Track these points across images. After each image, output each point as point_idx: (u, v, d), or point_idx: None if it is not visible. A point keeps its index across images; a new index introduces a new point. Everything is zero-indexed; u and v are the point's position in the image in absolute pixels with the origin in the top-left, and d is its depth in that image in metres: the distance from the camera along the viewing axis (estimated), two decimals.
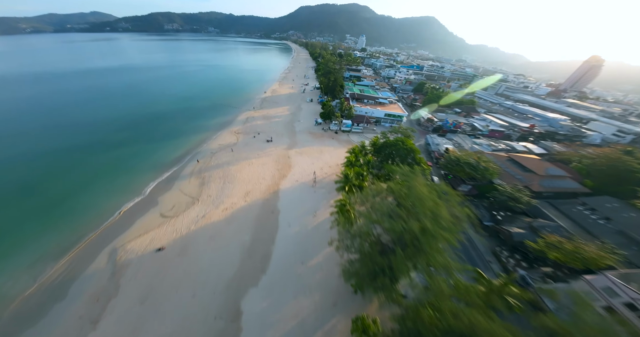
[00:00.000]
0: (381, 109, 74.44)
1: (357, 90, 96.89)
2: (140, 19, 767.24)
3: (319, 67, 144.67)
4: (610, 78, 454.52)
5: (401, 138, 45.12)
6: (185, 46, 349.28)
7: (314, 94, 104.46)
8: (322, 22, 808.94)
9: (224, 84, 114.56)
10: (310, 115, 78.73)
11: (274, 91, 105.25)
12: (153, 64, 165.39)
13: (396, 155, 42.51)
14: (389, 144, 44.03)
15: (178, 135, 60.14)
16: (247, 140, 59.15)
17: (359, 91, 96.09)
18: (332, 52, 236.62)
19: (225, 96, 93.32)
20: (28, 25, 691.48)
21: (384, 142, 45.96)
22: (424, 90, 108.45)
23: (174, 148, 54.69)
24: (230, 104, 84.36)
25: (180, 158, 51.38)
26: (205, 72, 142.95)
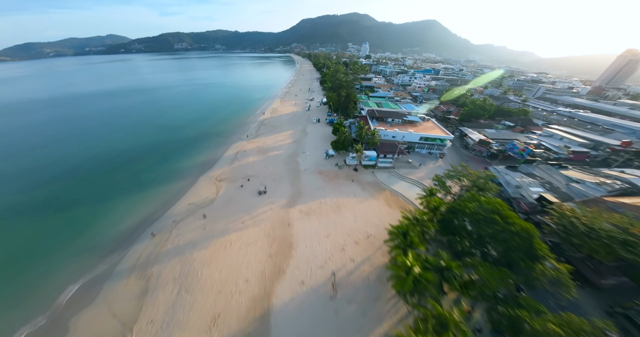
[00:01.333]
0: (414, 131, 54.96)
1: (374, 104, 78.50)
2: (152, 40, 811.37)
3: (325, 79, 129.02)
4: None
5: (487, 199, 25.27)
6: (189, 64, 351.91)
7: (321, 111, 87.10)
8: (323, 33, 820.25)
9: (219, 105, 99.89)
10: (318, 142, 60.48)
11: (274, 111, 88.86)
12: (146, 86, 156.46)
13: (490, 241, 22.53)
14: (465, 211, 24.31)
15: (139, 190, 43.14)
16: (230, 193, 41.11)
17: (377, 105, 77.64)
18: (337, 61, 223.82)
19: (217, 122, 77.59)
20: (51, 50, 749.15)
21: (453, 207, 26.32)
22: (459, 100, 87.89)
23: (126, 214, 37.43)
24: (220, 133, 68.06)
25: (129, 233, 33.94)
26: (201, 93, 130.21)
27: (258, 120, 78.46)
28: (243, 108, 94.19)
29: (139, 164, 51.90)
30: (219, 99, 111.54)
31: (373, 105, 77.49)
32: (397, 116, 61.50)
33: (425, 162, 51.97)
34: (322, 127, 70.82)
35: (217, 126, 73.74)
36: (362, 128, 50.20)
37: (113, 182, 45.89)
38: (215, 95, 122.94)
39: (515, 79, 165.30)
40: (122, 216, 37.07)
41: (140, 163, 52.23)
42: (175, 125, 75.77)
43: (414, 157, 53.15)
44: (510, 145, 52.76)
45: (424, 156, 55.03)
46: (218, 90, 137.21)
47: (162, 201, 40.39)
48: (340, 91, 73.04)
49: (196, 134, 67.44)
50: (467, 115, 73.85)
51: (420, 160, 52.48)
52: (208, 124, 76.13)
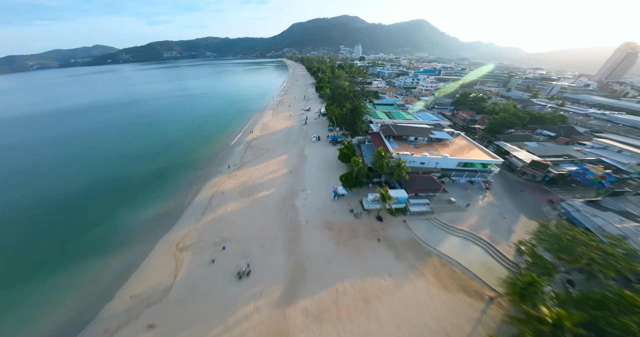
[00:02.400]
0: (449, 154, 41.45)
1: (383, 114, 65.29)
2: (139, 50, 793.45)
3: (321, 84, 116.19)
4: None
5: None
6: (176, 73, 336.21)
7: (320, 124, 73.42)
8: (315, 36, 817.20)
9: (199, 122, 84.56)
10: (322, 172, 46.51)
11: (264, 127, 74.56)
12: (122, 99, 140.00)
13: None
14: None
15: (61, 268, 28.86)
16: (195, 276, 26.67)
17: (387, 116, 64.41)
18: (332, 64, 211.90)
19: (194, 147, 62.39)
20: (35, 62, 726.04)
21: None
22: (477, 105, 74.95)
23: (36, 318, 22.96)
24: (196, 163, 53.36)
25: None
26: (181, 106, 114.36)
27: (245, 141, 64.07)
28: (228, 125, 79.45)
29: (75, 220, 37.01)
30: (201, 114, 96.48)
31: (382, 117, 64.14)
32: (421, 133, 47.93)
33: (471, 198, 38.44)
34: (324, 148, 56.95)
35: (193, 153, 58.93)
36: (383, 156, 36.39)
37: (27, 255, 30.93)
38: (198, 108, 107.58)
39: (522, 77, 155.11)
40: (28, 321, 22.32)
41: (77, 218, 37.30)
42: (141, 153, 60.47)
43: (453, 189, 39.54)
44: (580, 169, 39.52)
45: (464, 187, 41.49)
46: (202, 102, 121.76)
47: (96, 289, 25.92)
48: (343, 103, 59.22)
49: (165, 166, 52.48)
50: (498, 125, 61.02)
51: (462, 195, 38.90)
52: (183, 149, 61.14)
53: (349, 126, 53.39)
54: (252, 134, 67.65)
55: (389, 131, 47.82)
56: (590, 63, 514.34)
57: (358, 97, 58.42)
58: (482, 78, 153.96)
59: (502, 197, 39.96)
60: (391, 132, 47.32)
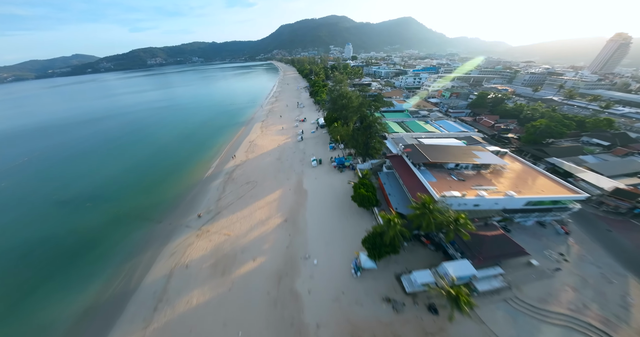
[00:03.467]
0: (513, 191, 28.80)
1: (397, 126, 53.03)
2: (122, 58, 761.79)
3: (315, 88, 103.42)
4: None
5: None
6: (157, 80, 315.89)
7: (319, 140, 60.30)
8: (304, 37, 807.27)
9: (167, 146, 67.30)
10: (330, 219, 33.32)
11: (251, 148, 60.39)
12: (83, 115, 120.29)
13: None
14: None
15: None
16: None
17: (401, 128, 52.15)
18: (324, 65, 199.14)
19: (152, 186, 46.53)
20: (9, 74, 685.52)
21: None
22: (498, 108, 62.57)
23: None
24: (150, 214, 38.52)
25: None
26: (151, 123, 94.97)
27: (225, 170, 49.87)
28: (206, 147, 64.09)
29: None
30: (175, 132, 79.47)
31: (396, 129, 51.80)
32: (462, 157, 35.34)
33: (551, 250, 26.36)
34: (329, 176, 43.83)
35: (155, 192, 44.02)
36: (429, 210, 23.48)
37: None
38: (172, 126, 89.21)
39: (528, 72, 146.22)
40: None
41: None
42: (76, 195, 44.26)
43: (520, 238, 27.18)
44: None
45: (534, 234, 29.31)
46: (178, 116, 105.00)
47: None
48: (349, 116, 45.66)
49: (108, 219, 37.43)
50: (539, 134, 49.36)
51: (537, 247, 26.79)
52: (141, 188, 45.93)
53: (360, 149, 40.22)
54: (234, 160, 53.48)
55: (418, 156, 34.92)
56: (572, 54, 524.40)
57: (370, 110, 44.21)
58: (486, 74, 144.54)
59: (590, 245, 28.14)
60: (421, 158, 34.55)
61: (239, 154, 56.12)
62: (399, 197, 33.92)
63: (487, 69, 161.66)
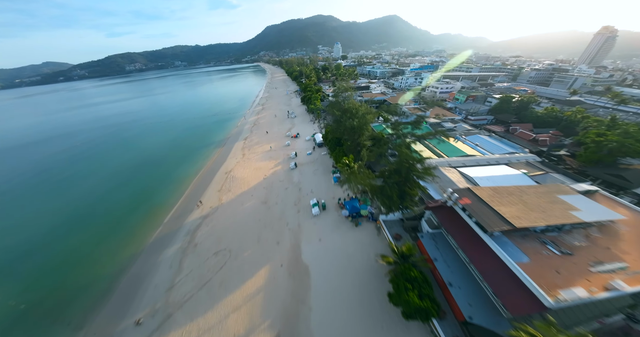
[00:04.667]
0: None
1: (420, 146, 39.73)
2: (97, 64, 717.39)
3: (307, 95, 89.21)
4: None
5: None
6: (132, 88, 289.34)
7: (319, 166, 46.00)
8: (291, 38, 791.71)
9: (101, 191, 46.04)
10: (356, 333, 19.17)
11: (226, 183, 44.63)
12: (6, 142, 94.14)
13: None
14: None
15: None
16: None
17: (429, 149, 38.93)
18: (314, 66, 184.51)
19: (72, 264, 30.61)
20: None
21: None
22: (530, 114, 49.27)
23: None
24: (61, 317, 23.17)
25: None
26: (96, 152, 68.61)
27: (183, 229, 33.94)
28: (158, 189, 45.03)
29: None
30: (120, 164, 57.48)
31: (423, 153, 38.41)
32: (552, 211, 22.09)
33: None
34: (340, 236, 29.48)
35: (69, 277, 28.16)
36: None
37: None
38: (120, 151, 67.34)
39: (532, 68, 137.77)
40: None
41: None
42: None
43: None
44: None
45: None
46: (134, 136, 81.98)
47: None
48: (362, 142, 31.04)
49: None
50: (610, 153, 37.31)
51: None
52: (49, 267, 29.69)
53: (394, 206, 25.03)
54: (200, 208, 37.79)
55: (491, 219, 20.62)
56: (551, 47, 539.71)
57: (404, 140, 25.22)
58: (488, 72, 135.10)
59: None
60: (497, 222, 20.60)
61: (208, 197, 40.45)
62: (466, 289, 20.27)
63: (487, 66, 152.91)
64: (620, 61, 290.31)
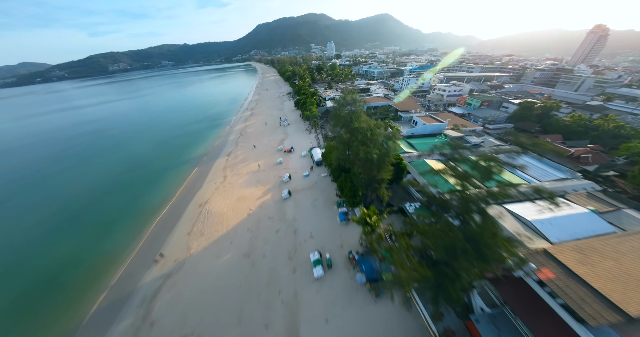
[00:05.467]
0: None
1: (446, 176, 31.39)
2: (78, 64, 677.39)
3: (301, 99, 79.66)
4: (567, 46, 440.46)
5: None
6: (109, 90, 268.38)
7: (319, 194, 36.68)
8: (283, 36, 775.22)
9: (36, 246, 32.38)
10: None
11: (199, 223, 34.10)
12: None
13: None
14: None
15: None
16: None
17: (468, 182, 30.25)
18: (307, 66, 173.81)
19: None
20: None
21: None
22: (563, 125, 40.95)
23: None
24: None
25: None
26: (44, 184, 50.30)
27: (138, 301, 23.70)
28: (107, 238, 33.45)
29: None
30: (59, 204, 41.49)
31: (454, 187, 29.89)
32: None
33: None
34: (354, 314, 20.13)
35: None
36: None
37: None
38: (65, 180, 50.91)
39: (536, 68, 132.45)
40: None
41: None
42: None
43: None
44: None
45: None
46: (89, 157, 63.60)
47: None
48: (382, 177, 22.06)
49: None
50: None
51: None
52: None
53: (452, 301, 15.56)
54: (160, 263, 27.51)
55: (590, 306, 12.58)
56: (537, 46, 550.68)
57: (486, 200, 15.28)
58: (490, 72, 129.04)
59: None
60: (600, 310, 12.45)
61: (173, 244, 30.27)
62: None
63: (488, 66, 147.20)
64: (606, 60, 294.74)
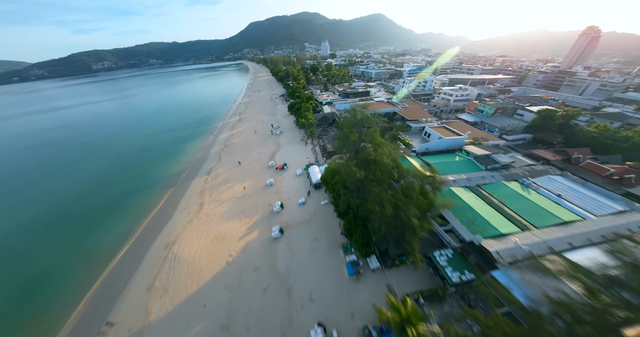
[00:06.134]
0: None
1: (506, 224, 24.37)
2: (59, 63, 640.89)
3: (295, 104, 71.73)
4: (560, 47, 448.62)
5: None
6: (84, 90, 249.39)
7: (319, 226, 28.98)
8: (277, 35, 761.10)
9: None
10: None
11: (166, 272, 25.54)
12: None
13: None
14: None
15: None
16: None
17: (502, 214, 23.54)
18: (301, 66, 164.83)
19: None
20: None
21: None
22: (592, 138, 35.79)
23: None
24: None
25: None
26: None
27: None
28: (38, 299, 23.75)
29: None
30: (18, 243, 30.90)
31: (493, 222, 22.74)
32: None
33: None
34: None
35: None
36: None
37: None
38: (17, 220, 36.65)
39: (538, 71, 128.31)
40: None
41: None
42: None
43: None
44: None
45: None
46: (37, 183, 49.14)
47: None
48: (413, 242, 14.68)
49: None
50: None
51: None
52: None
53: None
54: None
55: None
56: (525, 47, 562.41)
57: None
58: (495, 75, 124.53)
59: None
60: None
61: (127, 307, 21.59)
62: None
63: (487, 67, 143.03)
64: (592, 60, 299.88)
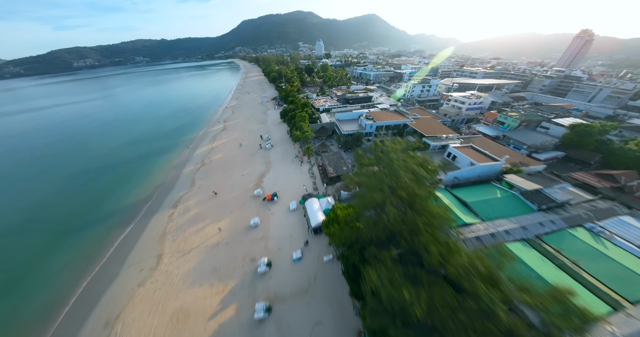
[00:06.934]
0: None
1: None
2: (37, 60, 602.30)
3: (289, 110, 62.47)
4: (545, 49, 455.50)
5: None
6: (62, 89, 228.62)
7: (318, 292, 20.07)
8: (270, 33, 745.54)
9: None
10: None
11: None
12: None
13: None
14: None
15: None
16: None
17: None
18: (296, 66, 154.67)
19: None
20: None
21: None
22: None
23: None
24: None
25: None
26: None
27: None
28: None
29: None
30: None
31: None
32: None
33: None
34: None
35: None
36: None
37: None
38: None
39: (544, 75, 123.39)
40: None
41: None
42: None
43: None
44: None
45: None
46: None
47: None
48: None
49: None
50: None
51: None
52: None
53: None
54: None
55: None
56: (514, 49, 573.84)
57: None
58: (500, 80, 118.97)
59: None
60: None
61: None
62: None
63: (490, 71, 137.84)
64: (581, 63, 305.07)
